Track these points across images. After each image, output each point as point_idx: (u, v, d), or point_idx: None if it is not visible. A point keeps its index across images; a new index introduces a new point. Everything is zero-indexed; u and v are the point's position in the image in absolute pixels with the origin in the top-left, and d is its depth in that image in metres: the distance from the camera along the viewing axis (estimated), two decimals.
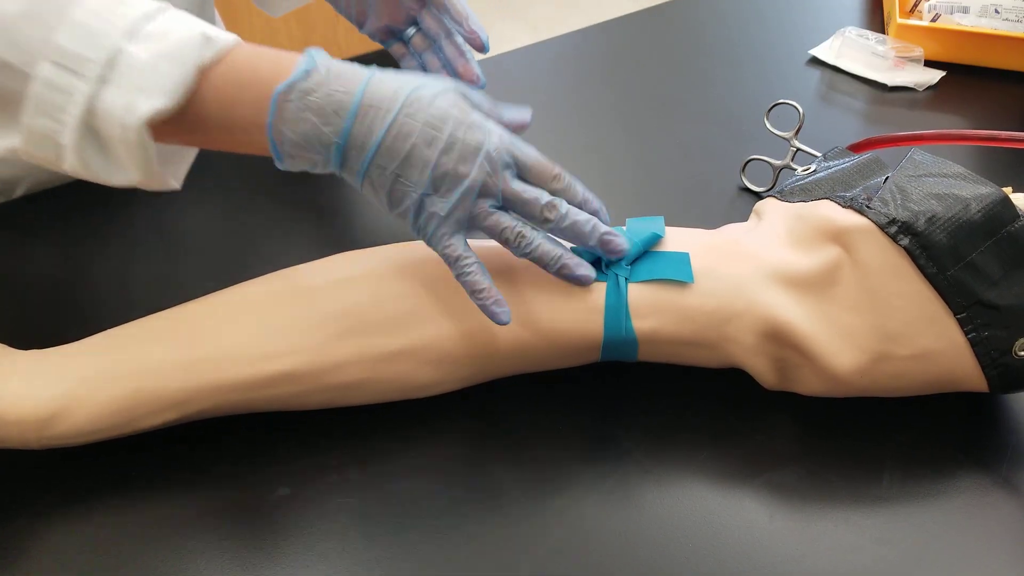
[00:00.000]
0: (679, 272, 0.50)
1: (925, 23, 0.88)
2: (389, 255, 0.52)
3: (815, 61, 0.87)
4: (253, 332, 0.48)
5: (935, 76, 0.85)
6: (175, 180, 0.50)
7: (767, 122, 0.70)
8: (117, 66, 0.42)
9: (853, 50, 0.86)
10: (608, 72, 0.86)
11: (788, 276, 0.50)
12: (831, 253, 0.50)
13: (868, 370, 0.49)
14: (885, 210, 0.49)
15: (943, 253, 0.47)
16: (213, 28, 0.45)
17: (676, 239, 0.53)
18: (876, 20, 0.94)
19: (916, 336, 0.48)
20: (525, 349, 0.51)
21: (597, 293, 0.50)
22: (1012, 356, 0.48)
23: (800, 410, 0.52)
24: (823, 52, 0.88)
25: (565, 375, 0.54)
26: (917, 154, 0.52)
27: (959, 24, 0.87)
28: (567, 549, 0.46)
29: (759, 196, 0.69)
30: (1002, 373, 0.48)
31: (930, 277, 0.47)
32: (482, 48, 0.60)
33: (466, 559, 0.46)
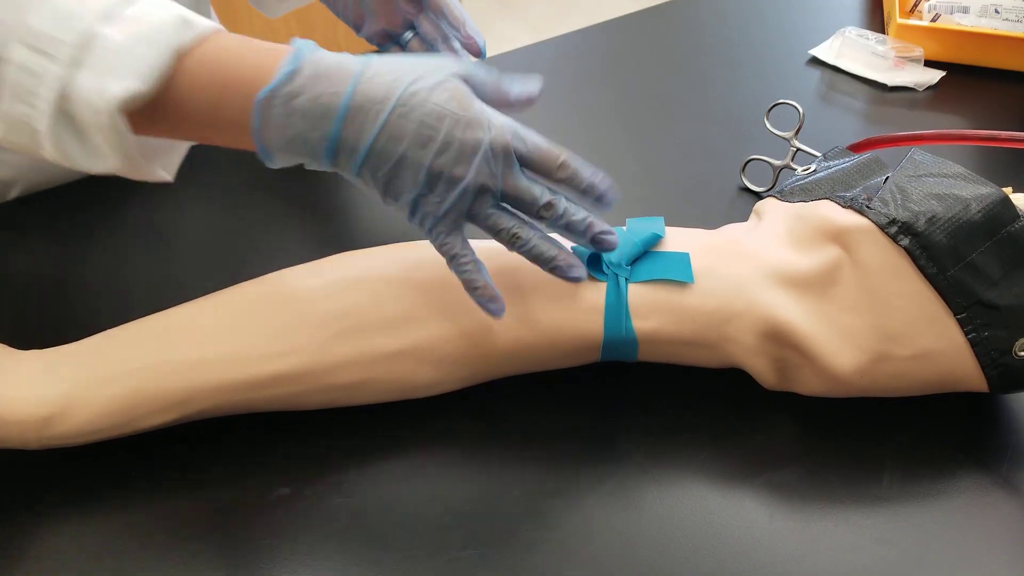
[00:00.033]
0: (679, 272, 0.50)
1: (925, 23, 0.88)
2: (389, 255, 0.52)
3: (815, 61, 0.87)
4: (253, 332, 0.48)
5: (935, 76, 0.85)
6: (166, 172, 0.48)
7: (767, 122, 0.70)
8: (91, 49, 0.41)
9: (853, 50, 0.86)
10: (608, 72, 0.86)
11: (788, 276, 0.50)
12: (831, 253, 0.50)
13: (868, 370, 0.49)
14: (885, 210, 0.49)
15: (943, 253, 0.47)
16: (193, 13, 0.43)
17: (676, 239, 0.53)
18: (876, 20, 0.94)
19: (916, 336, 0.48)
20: (525, 349, 0.51)
21: (597, 293, 0.50)
22: (1012, 356, 0.48)
23: (800, 410, 0.52)
24: (823, 52, 0.88)
25: (565, 375, 0.54)
26: (917, 154, 0.52)
27: (959, 24, 0.87)
28: (567, 549, 0.46)
29: (759, 196, 0.69)
30: (1002, 373, 0.48)
31: (930, 277, 0.47)
32: (479, 53, 0.60)
33: (466, 559, 0.46)
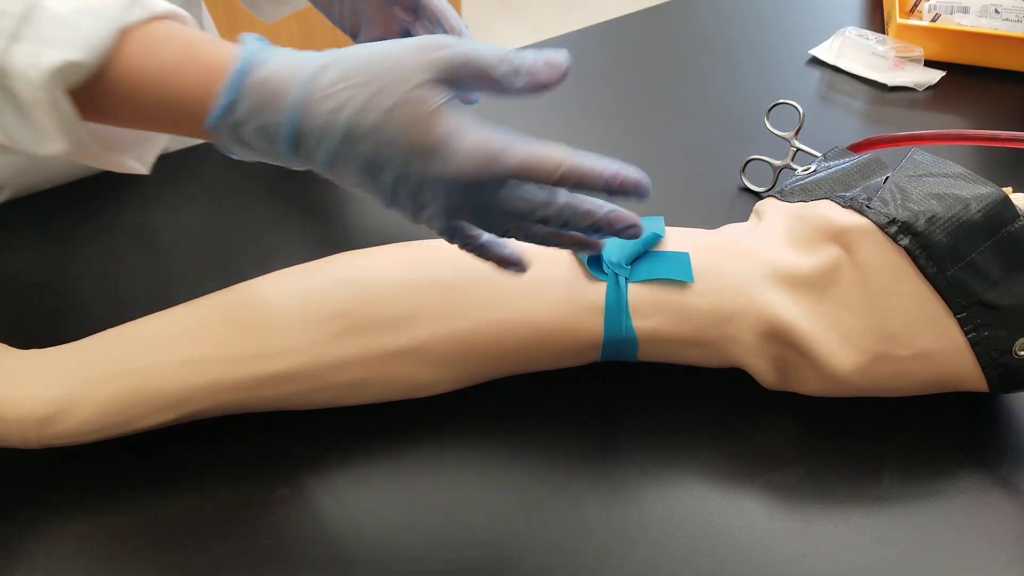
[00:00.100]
0: (679, 272, 0.50)
1: (925, 23, 0.88)
2: (388, 255, 0.52)
3: (815, 61, 0.87)
4: (252, 332, 0.48)
5: (935, 76, 0.85)
6: (141, 164, 0.47)
7: (767, 122, 0.70)
8: (32, 20, 0.39)
9: (853, 50, 0.86)
10: (608, 72, 0.86)
11: (788, 276, 0.50)
12: (831, 253, 0.50)
13: (868, 370, 0.49)
14: (885, 210, 0.49)
15: (943, 253, 0.47)
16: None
17: (676, 239, 0.53)
18: (876, 20, 0.94)
19: (916, 336, 0.48)
20: (525, 349, 0.51)
21: (597, 292, 0.50)
22: (1012, 356, 0.48)
23: (800, 410, 0.52)
24: (823, 52, 0.88)
25: (565, 375, 0.54)
26: (917, 154, 0.52)
27: (959, 24, 0.87)
28: (567, 549, 0.46)
29: (759, 196, 0.69)
30: (1002, 373, 0.48)
31: (930, 277, 0.47)
32: None
33: (466, 559, 0.46)
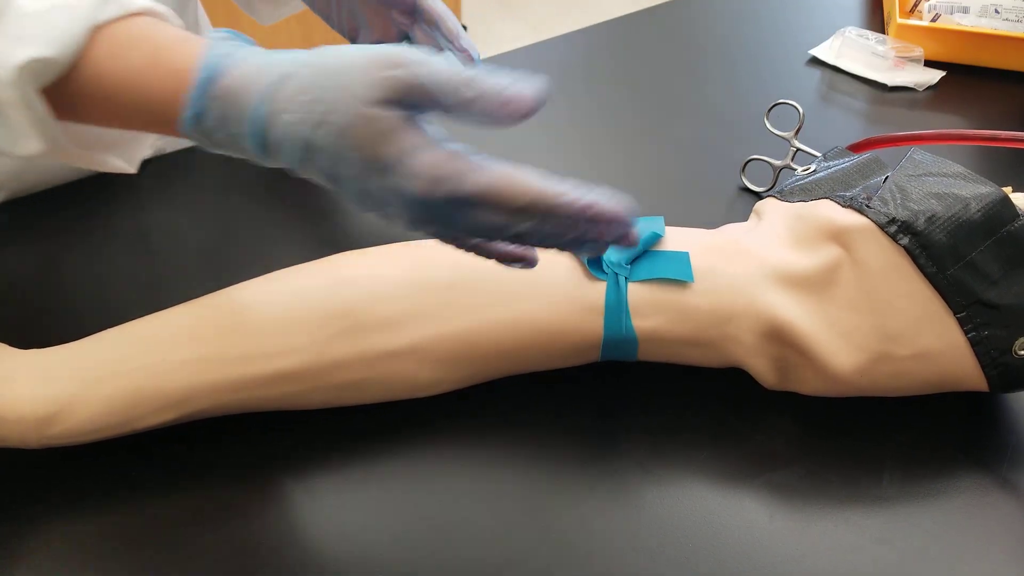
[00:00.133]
0: (679, 271, 0.50)
1: (925, 23, 0.88)
2: (388, 255, 0.52)
3: (815, 61, 0.87)
4: (252, 331, 0.48)
5: (935, 76, 0.85)
6: (127, 163, 0.47)
7: (767, 122, 0.70)
8: (2, 17, 0.39)
9: (853, 50, 0.86)
10: (608, 72, 0.86)
11: (788, 276, 0.50)
12: (831, 253, 0.50)
13: (868, 370, 0.49)
14: (885, 209, 0.49)
15: (943, 252, 0.47)
16: None
17: (676, 239, 0.53)
18: (876, 20, 0.94)
19: (916, 336, 0.48)
20: (525, 349, 0.51)
21: (597, 292, 0.50)
22: (1012, 355, 0.48)
23: (800, 410, 0.52)
24: (823, 52, 0.88)
25: (565, 375, 0.54)
26: (917, 154, 0.52)
27: (959, 24, 0.87)
28: (567, 549, 0.46)
29: (759, 196, 0.69)
30: (1002, 372, 0.48)
31: (930, 276, 0.47)
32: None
33: (466, 559, 0.46)
